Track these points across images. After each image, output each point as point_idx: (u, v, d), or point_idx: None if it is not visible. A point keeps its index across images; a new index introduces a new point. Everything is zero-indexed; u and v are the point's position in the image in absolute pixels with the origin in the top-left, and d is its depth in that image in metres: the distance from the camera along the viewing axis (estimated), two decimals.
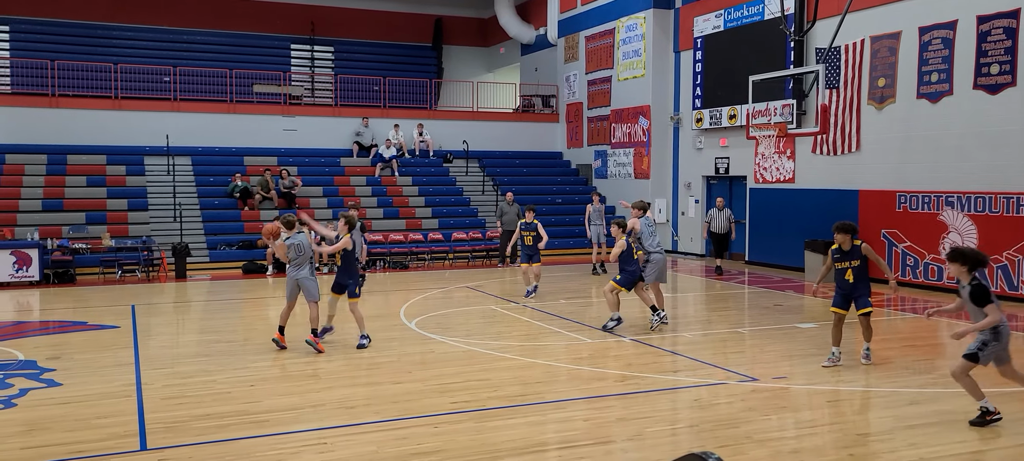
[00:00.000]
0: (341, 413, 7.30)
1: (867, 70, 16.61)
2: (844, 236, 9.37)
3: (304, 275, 9.79)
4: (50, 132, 21.55)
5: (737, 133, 20.06)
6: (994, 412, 6.89)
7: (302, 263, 9.81)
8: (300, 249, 9.80)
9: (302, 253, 9.80)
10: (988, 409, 6.88)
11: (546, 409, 7.43)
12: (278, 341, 9.92)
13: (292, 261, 9.83)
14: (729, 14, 20.19)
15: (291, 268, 9.87)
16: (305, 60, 29.31)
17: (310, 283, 9.80)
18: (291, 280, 9.86)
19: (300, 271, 9.80)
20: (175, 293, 15.68)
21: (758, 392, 7.97)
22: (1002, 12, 14.01)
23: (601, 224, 18.31)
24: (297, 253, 9.79)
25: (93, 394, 7.93)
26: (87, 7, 26.74)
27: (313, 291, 9.81)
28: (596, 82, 24.86)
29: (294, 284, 9.84)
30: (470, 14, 31.87)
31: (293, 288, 9.86)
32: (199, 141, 22.90)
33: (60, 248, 17.04)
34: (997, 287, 14.07)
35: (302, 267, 9.81)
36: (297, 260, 9.81)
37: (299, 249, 9.79)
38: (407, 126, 25.16)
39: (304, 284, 9.78)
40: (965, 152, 14.74)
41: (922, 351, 10.14)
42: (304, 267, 9.81)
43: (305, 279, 9.79)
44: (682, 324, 12.18)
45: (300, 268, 9.81)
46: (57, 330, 11.84)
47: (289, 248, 9.77)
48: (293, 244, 9.78)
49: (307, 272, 9.82)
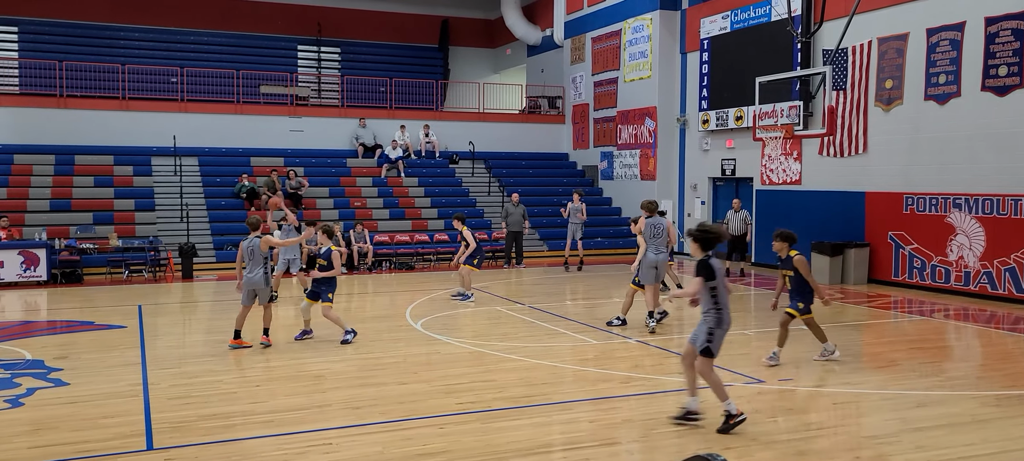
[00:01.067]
0: (347, 413, 7.31)
1: (874, 71, 16.55)
2: (781, 244, 9.38)
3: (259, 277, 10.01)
4: (58, 132, 21.65)
5: (744, 134, 20.03)
6: (738, 415, 6.62)
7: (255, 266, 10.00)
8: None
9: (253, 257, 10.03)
10: (731, 412, 6.62)
11: (552, 410, 7.42)
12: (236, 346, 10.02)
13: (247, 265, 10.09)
14: (736, 15, 20.16)
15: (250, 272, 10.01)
16: (312, 61, 29.37)
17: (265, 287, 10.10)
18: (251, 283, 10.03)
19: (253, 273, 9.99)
20: (182, 293, 15.72)
21: (764, 394, 7.95)
22: (1011, 13, 13.94)
23: (578, 220, 18.45)
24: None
25: (100, 394, 7.95)
26: (94, 8, 26.85)
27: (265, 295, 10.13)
28: (602, 83, 24.84)
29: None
30: (476, 15, 31.89)
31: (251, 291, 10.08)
32: (206, 142, 22.97)
33: (67, 248, 17.10)
34: (1005, 289, 14.01)
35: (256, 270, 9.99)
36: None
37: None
38: (413, 127, 25.18)
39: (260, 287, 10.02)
40: (973, 154, 14.67)
41: (928, 354, 10.09)
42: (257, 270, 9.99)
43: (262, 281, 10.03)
44: (689, 325, 12.14)
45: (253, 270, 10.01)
46: (64, 330, 11.88)
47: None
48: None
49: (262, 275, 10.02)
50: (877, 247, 16.45)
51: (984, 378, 8.81)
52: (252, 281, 9.97)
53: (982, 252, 14.45)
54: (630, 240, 22.91)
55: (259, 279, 9.97)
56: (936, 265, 15.27)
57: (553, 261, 20.78)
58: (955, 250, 14.93)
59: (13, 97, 22.30)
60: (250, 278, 9.97)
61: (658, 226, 11.34)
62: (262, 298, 10.07)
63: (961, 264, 14.81)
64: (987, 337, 11.34)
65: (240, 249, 10.10)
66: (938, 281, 15.20)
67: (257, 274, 9.95)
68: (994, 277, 14.22)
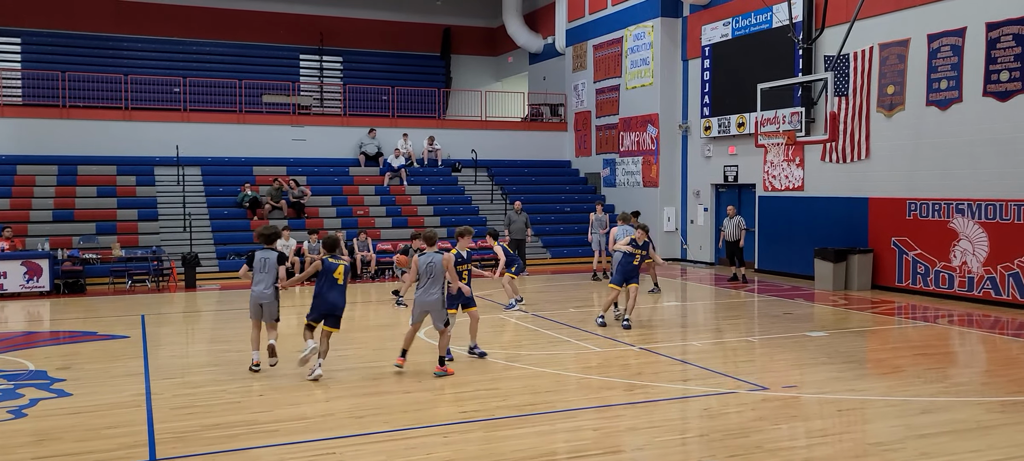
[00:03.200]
0: (351, 422, 7.30)
1: (876, 77, 16.56)
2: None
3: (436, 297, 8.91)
4: (60, 143, 21.70)
5: (746, 141, 20.03)
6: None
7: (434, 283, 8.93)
8: (433, 268, 8.90)
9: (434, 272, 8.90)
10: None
11: (556, 418, 7.41)
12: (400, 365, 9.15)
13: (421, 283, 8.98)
14: (737, 22, 20.18)
15: (421, 291, 8.96)
16: (314, 70, 29.44)
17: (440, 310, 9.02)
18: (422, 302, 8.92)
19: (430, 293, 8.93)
20: (185, 303, 15.73)
21: (768, 401, 7.93)
22: (1012, 19, 13.95)
23: (601, 232, 18.60)
24: (430, 272, 8.89)
25: (103, 404, 7.95)
26: (97, 19, 26.95)
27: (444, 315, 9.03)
28: (604, 91, 24.87)
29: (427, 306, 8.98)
30: (478, 24, 31.96)
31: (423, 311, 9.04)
32: (209, 151, 23.01)
33: (70, 258, 17.12)
34: (1008, 295, 13.98)
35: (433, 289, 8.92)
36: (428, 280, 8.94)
37: (432, 268, 8.89)
38: (416, 135, 25.21)
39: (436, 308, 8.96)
40: (975, 159, 14.66)
41: (933, 360, 10.07)
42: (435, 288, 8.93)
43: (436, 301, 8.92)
44: (692, 332, 12.14)
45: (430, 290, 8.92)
46: (67, 340, 11.89)
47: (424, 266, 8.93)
48: (429, 262, 8.90)
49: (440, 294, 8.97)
50: (880, 253, 16.42)
51: (989, 384, 8.79)
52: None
53: (985, 257, 14.42)
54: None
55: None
56: (940, 271, 15.25)
57: (557, 269, 20.77)
58: (958, 256, 14.91)
59: (16, 108, 22.37)
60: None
61: (628, 234, 12.78)
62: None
63: (965, 270, 14.78)
64: (991, 343, 11.31)
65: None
66: (942, 287, 15.17)
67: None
68: (998, 282, 14.19)
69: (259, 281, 9.24)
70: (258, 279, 9.25)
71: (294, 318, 13.59)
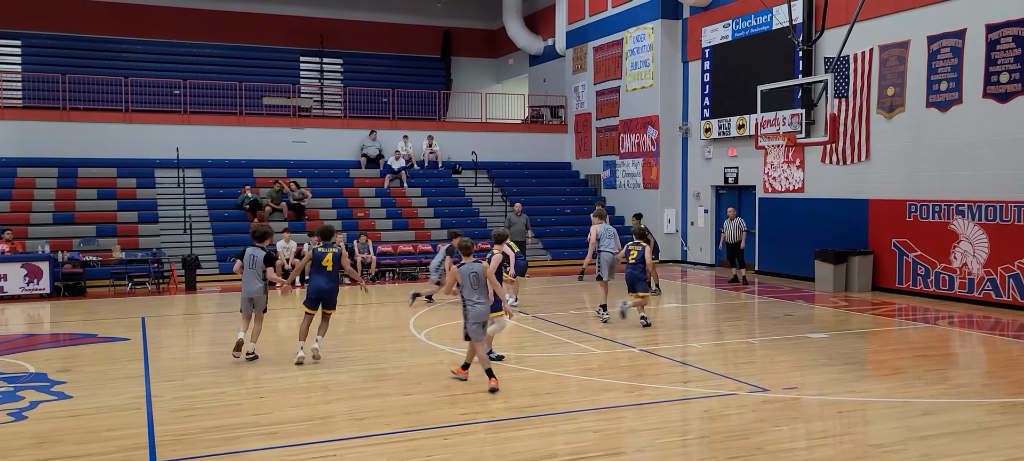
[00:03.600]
0: (351, 425, 7.30)
1: (876, 79, 16.56)
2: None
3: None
4: (61, 145, 21.70)
5: (746, 143, 20.03)
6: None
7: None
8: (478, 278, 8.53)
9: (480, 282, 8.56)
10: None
11: (556, 420, 7.40)
12: (458, 374, 8.81)
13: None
14: (737, 24, 20.19)
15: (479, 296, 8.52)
16: (314, 72, 29.45)
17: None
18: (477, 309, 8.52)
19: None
20: (185, 305, 15.72)
21: (769, 403, 7.93)
22: (1011, 21, 13.96)
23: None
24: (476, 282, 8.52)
25: (103, 407, 7.95)
26: (97, 21, 26.96)
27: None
28: (604, 92, 24.88)
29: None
30: (478, 26, 31.98)
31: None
32: (209, 153, 23.02)
33: (71, 261, 17.12)
34: (1009, 296, 13.97)
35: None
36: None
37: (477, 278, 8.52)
38: (416, 137, 25.22)
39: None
40: (975, 161, 14.66)
41: (934, 361, 10.06)
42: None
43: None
44: (692, 334, 12.14)
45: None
46: (67, 343, 11.89)
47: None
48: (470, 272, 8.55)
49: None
50: (881, 255, 16.42)
51: (990, 386, 8.78)
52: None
53: (985, 259, 14.42)
54: None
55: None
56: (940, 272, 15.24)
57: (558, 271, 20.76)
58: (959, 257, 14.90)
59: (16, 110, 22.38)
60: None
61: (608, 230, 13.52)
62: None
63: (965, 271, 14.78)
64: (992, 344, 11.30)
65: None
66: (942, 288, 15.16)
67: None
68: (998, 284, 14.19)
69: (249, 277, 9.84)
70: (247, 275, 9.86)
71: (294, 320, 13.61)
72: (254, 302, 9.85)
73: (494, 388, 8.22)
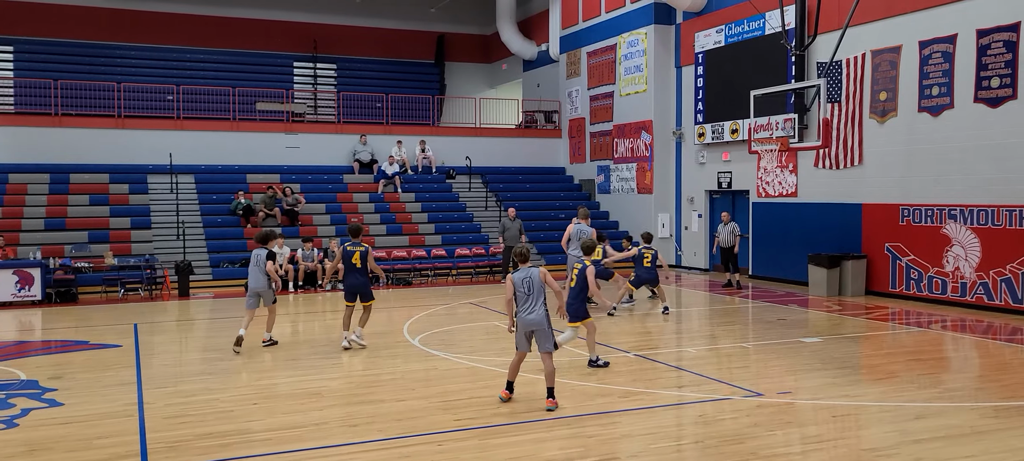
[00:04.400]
0: (344, 431, 7.27)
1: (868, 84, 16.62)
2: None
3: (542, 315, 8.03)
4: (53, 151, 21.63)
5: (739, 147, 20.07)
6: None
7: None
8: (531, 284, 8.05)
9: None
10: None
11: (551, 425, 7.39)
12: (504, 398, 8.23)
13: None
14: (730, 29, 20.25)
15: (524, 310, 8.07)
16: (308, 78, 29.44)
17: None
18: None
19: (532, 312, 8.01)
20: (178, 311, 15.66)
21: (763, 407, 7.93)
22: (1002, 26, 14.03)
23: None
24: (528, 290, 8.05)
25: (95, 414, 7.90)
26: (90, 27, 26.90)
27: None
28: (598, 97, 24.91)
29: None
30: (472, 31, 32.01)
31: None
32: (202, 159, 22.96)
33: (62, 267, 17.05)
34: (1001, 300, 14.02)
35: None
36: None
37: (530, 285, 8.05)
38: (410, 142, 25.21)
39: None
40: (967, 165, 14.72)
41: (927, 365, 10.08)
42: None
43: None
44: (687, 339, 12.14)
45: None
46: (59, 349, 11.82)
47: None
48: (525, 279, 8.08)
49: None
50: (874, 258, 16.47)
51: (982, 389, 8.80)
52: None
53: (978, 263, 14.47)
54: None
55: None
56: (933, 276, 15.29)
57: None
58: (951, 261, 14.95)
59: (8, 116, 22.31)
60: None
61: (583, 232, 13.88)
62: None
63: (957, 275, 14.83)
64: (985, 348, 11.34)
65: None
66: (935, 292, 15.21)
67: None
68: (990, 288, 14.23)
69: (254, 274, 11.08)
70: (253, 273, 11.11)
71: (288, 327, 13.58)
72: (261, 296, 11.12)
73: (551, 408, 7.77)
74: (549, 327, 7.99)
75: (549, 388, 7.89)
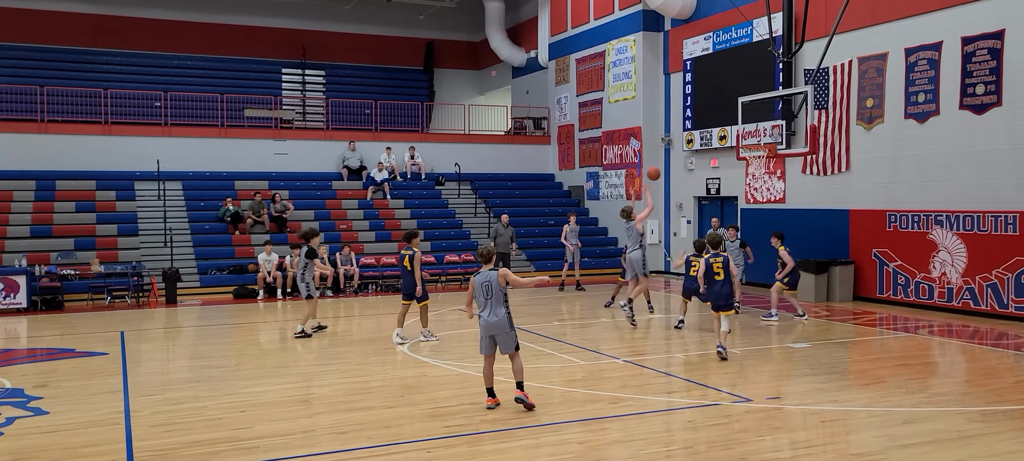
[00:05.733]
0: (333, 438, 7.23)
1: (855, 91, 16.74)
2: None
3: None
4: (39, 158, 21.47)
5: (728, 154, 20.15)
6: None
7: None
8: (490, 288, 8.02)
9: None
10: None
11: (540, 432, 7.38)
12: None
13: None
14: (718, 36, 20.35)
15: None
16: (296, 84, 29.35)
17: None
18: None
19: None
20: (165, 319, 15.56)
21: (752, 413, 7.95)
22: (986, 33, 14.16)
23: (576, 244, 19.13)
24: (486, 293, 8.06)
25: (81, 422, 7.84)
26: (76, 33, 26.75)
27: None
28: (587, 104, 24.97)
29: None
30: (461, 38, 32.03)
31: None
32: (190, 166, 22.85)
33: (48, 274, 16.91)
34: (987, 305, 14.11)
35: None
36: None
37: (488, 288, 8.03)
38: (399, 149, 25.18)
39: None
40: (953, 171, 14.83)
41: (914, 370, 10.14)
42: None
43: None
44: (676, 345, 12.16)
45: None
46: (45, 358, 11.72)
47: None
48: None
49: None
50: (862, 264, 16.55)
51: (969, 394, 8.85)
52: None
53: (964, 268, 14.57)
54: (616, 260, 23.00)
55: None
56: (920, 282, 15.38)
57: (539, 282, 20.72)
58: (938, 266, 15.05)
59: None
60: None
61: (630, 228, 13.90)
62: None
63: (944, 280, 14.93)
64: (971, 353, 11.41)
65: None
66: (922, 297, 15.30)
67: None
68: (976, 293, 14.34)
69: (299, 271, 13.02)
70: (298, 269, 13.06)
71: (277, 333, 13.52)
72: (301, 290, 12.90)
73: (520, 398, 7.94)
74: (511, 329, 8.09)
75: (519, 381, 8.08)
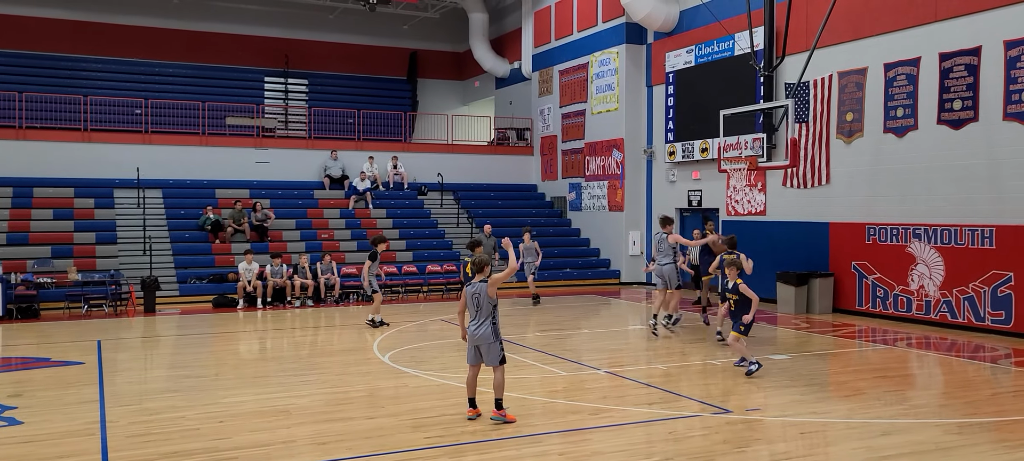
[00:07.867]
0: (313, 450, 7.17)
1: (835, 105, 16.91)
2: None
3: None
4: (17, 165, 21.21)
5: (709, 166, 20.28)
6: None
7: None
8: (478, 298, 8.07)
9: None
10: None
11: (521, 443, 7.36)
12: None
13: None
14: (700, 50, 20.50)
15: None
16: (279, 93, 29.23)
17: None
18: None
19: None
20: (143, 328, 15.40)
21: (732, 424, 7.97)
22: (964, 49, 14.36)
23: (533, 260, 18.75)
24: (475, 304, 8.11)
25: (56, 433, 7.72)
26: (56, 39, 26.49)
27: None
28: (570, 115, 25.05)
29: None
30: (445, 48, 32.06)
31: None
32: (170, 173, 22.67)
33: (24, 282, 16.69)
34: (964, 318, 14.26)
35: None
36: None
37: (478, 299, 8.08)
38: (381, 158, 25.13)
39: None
40: (931, 185, 15.00)
41: (893, 382, 10.22)
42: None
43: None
44: (656, 356, 12.18)
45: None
46: (20, 367, 11.55)
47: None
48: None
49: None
50: (841, 277, 16.68)
51: (946, 406, 8.93)
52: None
53: (941, 281, 14.72)
54: (598, 271, 23.06)
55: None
56: (898, 294, 15.52)
57: (520, 293, 20.74)
58: (916, 279, 15.20)
59: None
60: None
61: (661, 240, 13.80)
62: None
63: (922, 293, 15.07)
64: (948, 365, 11.52)
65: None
66: (900, 310, 15.44)
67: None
68: (953, 306, 14.49)
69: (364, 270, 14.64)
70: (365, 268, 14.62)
71: (257, 343, 13.40)
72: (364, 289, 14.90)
73: (496, 418, 7.89)
74: (495, 340, 8.02)
75: (497, 399, 7.95)
